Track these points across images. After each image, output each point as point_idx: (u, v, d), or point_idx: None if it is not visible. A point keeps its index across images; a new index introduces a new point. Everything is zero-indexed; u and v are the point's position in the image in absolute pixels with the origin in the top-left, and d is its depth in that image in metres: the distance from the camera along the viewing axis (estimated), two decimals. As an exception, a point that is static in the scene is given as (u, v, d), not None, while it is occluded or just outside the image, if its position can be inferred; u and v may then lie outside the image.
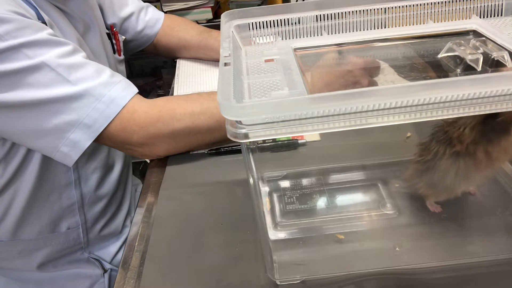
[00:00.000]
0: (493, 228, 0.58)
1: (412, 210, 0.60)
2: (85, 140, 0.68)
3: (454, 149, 0.52)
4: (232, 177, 0.71)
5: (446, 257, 0.53)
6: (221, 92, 0.40)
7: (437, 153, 0.54)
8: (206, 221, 0.63)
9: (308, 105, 0.38)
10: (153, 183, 0.72)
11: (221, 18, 0.57)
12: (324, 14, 0.56)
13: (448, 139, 0.52)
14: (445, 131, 0.53)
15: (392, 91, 0.38)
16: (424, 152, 0.56)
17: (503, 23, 0.56)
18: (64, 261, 0.87)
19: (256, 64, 0.51)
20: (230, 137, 0.39)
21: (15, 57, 0.63)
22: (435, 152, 0.54)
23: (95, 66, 0.69)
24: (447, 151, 0.53)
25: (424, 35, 0.58)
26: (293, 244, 0.58)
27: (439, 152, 0.53)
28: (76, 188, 0.83)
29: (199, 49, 1.09)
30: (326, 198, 0.64)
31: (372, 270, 0.52)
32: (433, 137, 0.55)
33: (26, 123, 0.66)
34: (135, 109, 0.69)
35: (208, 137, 0.74)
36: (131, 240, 0.61)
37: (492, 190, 0.61)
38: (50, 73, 0.64)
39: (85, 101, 0.66)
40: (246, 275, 0.54)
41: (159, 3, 1.68)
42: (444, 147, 0.53)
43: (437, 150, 0.54)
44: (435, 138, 0.54)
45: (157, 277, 0.55)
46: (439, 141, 0.54)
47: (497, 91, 0.38)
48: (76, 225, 0.86)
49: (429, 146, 0.55)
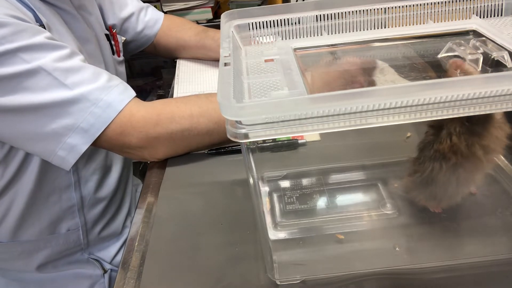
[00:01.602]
0: (493, 228, 0.58)
1: (412, 210, 0.60)
2: (82, 144, 0.67)
3: (450, 162, 0.51)
4: (232, 177, 0.71)
5: (446, 257, 0.53)
6: (221, 92, 0.40)
7: (432, 169, 0.52)
8: (206, 221, 0.63)
9: (308, 105, 0.38)
10: (153, 183, 0.72)
11: (221, 18, 0.57)
12: (324, 14, 0.56)
13: (441, 155, 0.51)
14: (435, 149, 0.51)
15: (392, 91, 0.38)
16: (418, 168, 0.54)
17: (503, 23, 0.56)
18: (64, 262, 0.87)
19: (256, 64, 0.51)
20: (230, 137, 0.39)
21: (12, 61, 0.62)
22: (431, 169, 0.52)
23: (92, 70, 0.69)
24: (443, 166, 0.52)
25: (424, 35, 0.58)
26: (293, 244, 0.58)
27: (435, 168, 0.52)
28: (76, 190, 0.83)
29: (198, 49, 1.09)
30: (326, 198, 0.64)
31: (372, 270, 0.52)
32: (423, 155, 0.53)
33: (23, 127, 0.66)
34: (132, 113, 0.69)
35: (207, 139, 0.74)
36: (131, 240, 0.61)
37: (492, 190, 0.61)
38: (47, 77, 0.64)
39: (82, 106, 0.66)
40: (246, 275, 0.54)
41: (159, 3, 1.68)
42: (438, 163, 0.52)
43: (433, 167, 0.52)
44: (426, 156, 0.53)
45: (157, 277, 0.55)
46: (432, 159, 0.52)
47: (497, 91, 0.38)
48: (76, 227, 0.86)
49: (422, 164, 0.53)
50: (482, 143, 0.50)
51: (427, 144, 0.53)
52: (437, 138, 0.51)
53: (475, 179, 0.56)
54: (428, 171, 0.53)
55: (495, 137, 0.50)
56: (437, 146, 0.51)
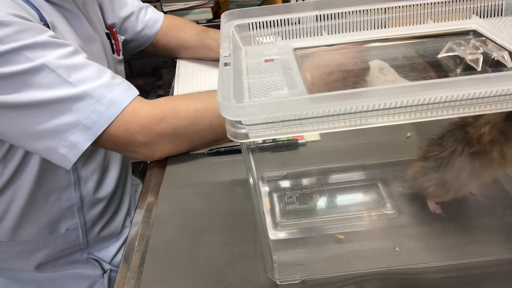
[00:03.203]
0: (493, 228, 0.58)
1: (412, 210, 0.60)
2: (84, 142, 0.67)
3: (473, 149, 0.51)
4: (232, 177, 0.71)
5: (446, 257, 0.53)
6: (221, 92, 0.40)
7: (454, 151, 0.52)
8: (206, 221, 0.63)
9: (308, 105, 0.38)
10: (153, 183, 0.72)
11: (221, 18, 0.57)
12: (324, 14, 0.56)
13: (468, 139, 0.51)
14: (466, 131, 0.52)
15: (392, 91, 0.38)
16: (436, 148, 0.55)
17: (503, 23, 0.56)
18: (63, 262, 0.87)
19: (256, 64, 0.51)
20: (230, 137, 0.39)
21: (16, 59, 0.63)
22: (452, 151, 0.53)
23: (96, 68, 0.69)
24: (465, 151, 0.52)
25: (424, 35, 0.58)
26: (293, 244, 0.58)
27: (457, 151, 0.52)
28: (75, 190, 0.83)
29: (198, 49, 1.09)
30: (326, 198, 0.64)
31: (372, 270, 0.52)
32: (450, 134, 0.53)
33: (25, 124, 0.66)
34: (136, 111, 0.69)
35: (210, 135, 0.75)
36: (131, 240, 0.61)
37: (492, 190, 0.61)
38: (51, 75, 0.64)
39: (85, 103, 0.66)
40: (246, 275, 0.54)
41: (159, 3, 1.69)
42: (462, 146, 0.52)
43: (455, 149, 0.52)
44: (453, 136, 0.53)
45: (157, 277, 0.55)
46: (458, 140, 0.52)
47: (497, 91, 0.38)
48: (75, 227, 0.86)
49: (443, 143, 0.54)
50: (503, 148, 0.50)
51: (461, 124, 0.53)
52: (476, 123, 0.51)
53: (483, 177, 0.56)
54: (449, 151, 0.53)
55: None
56: (470, 129, 0.51)
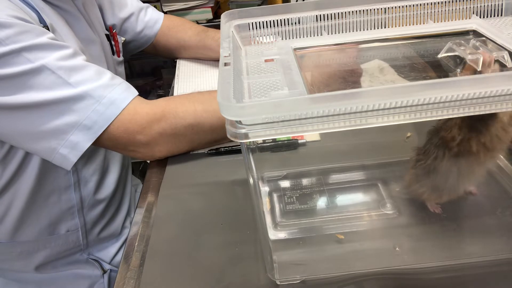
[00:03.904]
0: (493, 228, 0.58)
1: (412, 210, 0.60)
2: (84, 142, 0.67)
3: (453, 151, 0.52)
4: (232, 177, 0.71)
5: (446, 257, 0.53)
6: (221, 92, 0.40)
7: (436, 157, 0.54)
8: (206, 221, 0.63)
9: (308, 105, 0.38)
10: (153, 183, 0.72)
11: (221, 18, 0.57)
12: (324, 14, 0.56)
13: (445, 143, 0.52)
14: (440, 136, 0.53)
15: (392, 91, 0.38)
16: (422, 156, 0.56)
17: (503, 23, 0.56)
18: (63, 262, 0.87)
19: (256, 64, 0.51)
20: (230, 137, 0.39)
21: (16, 61, 0.63)
22: (435, 157, 0.54)
23: (95, 69, 0.69)
24: (446, 154, 0.53)
25: (424, 35, 0.58)
26: (293, 244, 0.58)
27: (439, 156, 0.53)
28: (75, 191, 0.83)
29: (198, 49, 1.09)
30: (326, 198, 0.64)
31: (372, 270, 0.52)
32: (430, 142, 0.54)
33: (26, 125, 0.66)
34: (136, 111, 0.69)
35: (210, 135, 0.75)
36: (131, 240, 0.61)
37: (492, 190, 0.61)
38: (51, 76, 0.64)
39: (85, 103, 0.66)
40: (246, 275, 0.54)
41: (159, 3, 1.68)
42: (442, 150, 0.53)
43: (436, 155, 0.54)
44: (433, 143, 0.54)
45: (157, 277, 0.55)
46: (437, 146, 0.54)
47: (497, 91, 0.38)
48: (75, 228, 0.86)
49: (427, 151, 0.55)
50: (480, 139, 0.51)
51: (435, 131, 0.53)
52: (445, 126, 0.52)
53: (475, 175, 0.56)
54: (432, 158, 0.54)
55: (496, 137, 0.51)
56: (443, 133, 0.52)
